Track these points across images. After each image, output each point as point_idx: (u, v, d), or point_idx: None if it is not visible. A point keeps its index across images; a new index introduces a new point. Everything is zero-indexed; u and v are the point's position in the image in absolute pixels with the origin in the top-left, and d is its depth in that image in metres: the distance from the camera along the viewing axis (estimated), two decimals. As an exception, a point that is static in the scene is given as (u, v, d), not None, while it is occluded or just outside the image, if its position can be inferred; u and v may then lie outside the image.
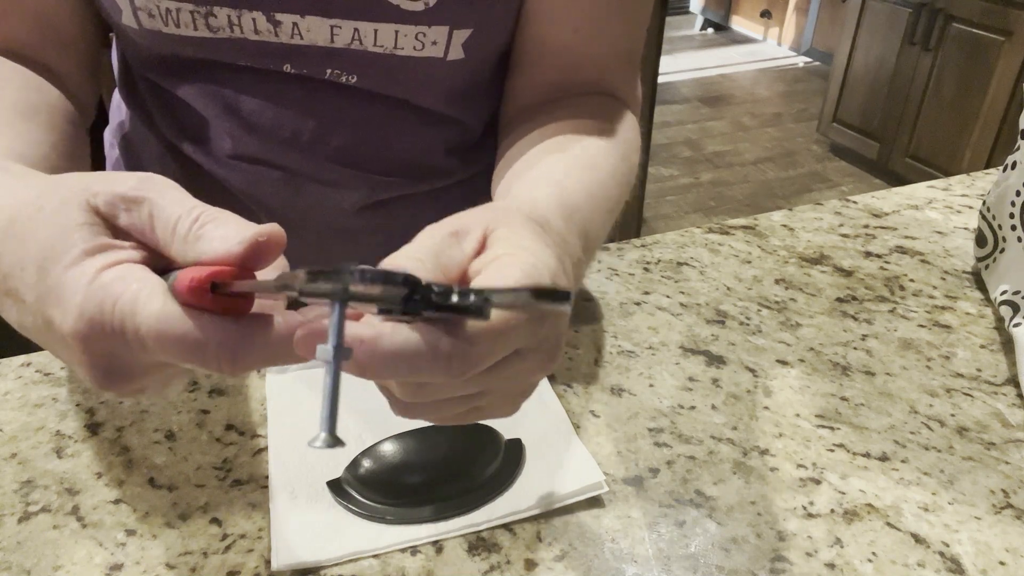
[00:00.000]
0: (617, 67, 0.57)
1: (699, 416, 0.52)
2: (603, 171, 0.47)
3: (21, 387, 0.53)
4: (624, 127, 0.54)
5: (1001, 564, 0.42)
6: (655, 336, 0.59)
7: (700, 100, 3.91)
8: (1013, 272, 0.60)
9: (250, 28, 0.49)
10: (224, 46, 0.50)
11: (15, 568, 0.41)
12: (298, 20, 0.49)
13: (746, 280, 0.66)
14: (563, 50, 0.54)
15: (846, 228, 0.75)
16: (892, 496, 0.46)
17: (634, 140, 0.54)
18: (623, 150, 0.51)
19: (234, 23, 0.49)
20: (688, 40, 4.90)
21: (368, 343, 0.25)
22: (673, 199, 2.95)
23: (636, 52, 0.58)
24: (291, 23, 0.49)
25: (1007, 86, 2.45)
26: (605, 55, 0.56)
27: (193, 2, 0.47)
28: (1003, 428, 0.51)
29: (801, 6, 4.49)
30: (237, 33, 0.49)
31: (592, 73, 0.55)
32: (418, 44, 0.50)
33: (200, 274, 0.26)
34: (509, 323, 0.27)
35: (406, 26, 0.49)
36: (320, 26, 0.49)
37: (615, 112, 0.54)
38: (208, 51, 0.51)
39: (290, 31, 0.49)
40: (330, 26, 0.49)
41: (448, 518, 0.43)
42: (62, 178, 0.30)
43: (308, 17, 0.49)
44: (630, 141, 0.54)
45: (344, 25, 0.49)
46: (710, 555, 0.42)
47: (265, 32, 0.49)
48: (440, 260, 0.29)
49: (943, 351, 0.58)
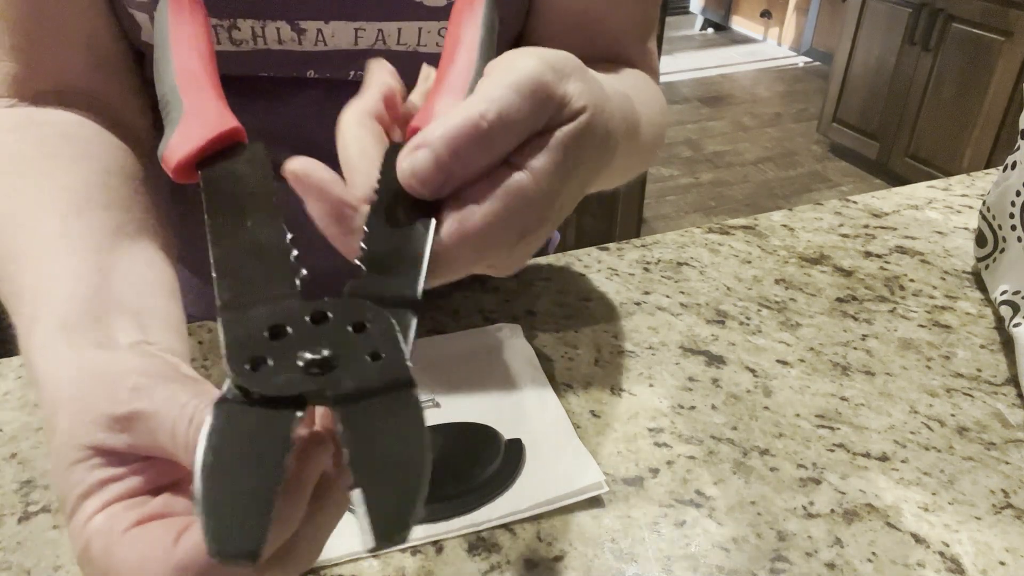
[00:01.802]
0: (632, 41, 0.57)
1: (699, 416, 0.52)
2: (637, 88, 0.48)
3: (21, 387, 0.53)
4: (645, 76, 0.55)
5: (1001, 564, 0.42)
6: (655, 336, 0.59)
7: (700, 100, 3.91)
8: (1013, 272, 0.60)
9: (274, 39, 0.49)
10: (247, 59, 0.50)
11: (15, 568, 0.41)
12: (322, 26, 0.49)
13: (746, 280, 0.66)
14: (576, 26, 0.54)
15: (846, 228, 0.75)
16: (892, 496, 0.46)
17: (657, 88, 0.56)
18: (646, 80, 0.53)
19: (258, 35, 0.48)
20: (688, 40, 4.90)
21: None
22: (673, 199, 2.95)
23: (650, 25, 0.58)
24: (315, 30, 0.49)
25: (1007, 86, 2.45)
26: (619, 29, 0.56)
27: (216, 16, 0.47)
28: (1003, 428, 0.51)
29: (801, 6, 4.49)
30: (260, 45, 0.49)
31: (607, 47, 0.56)
32: (440, 40, 0.50)
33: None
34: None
35: (429, 23, 0.49)
36: (344, 30, 0.49)
37: (633, 69, 0.56)
38: (231, 66, 0.50)
39: (314, 38, 0.49)
40: (354, 29, 0.49)
41: (448, 518, 0.43)
42: (69, 399, 0.29)
43: (332, 23, 0.49)
44: (653, 85, 0.55)
45: (368, 27, 0.49)
46: (710, 555, 0.42)
47: (289, 41, 0.49)
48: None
49: (943, 351, 0.58)
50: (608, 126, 0.33)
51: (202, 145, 0.30)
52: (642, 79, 0.56)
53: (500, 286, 0.65)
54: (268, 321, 0.25)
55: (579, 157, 0.30)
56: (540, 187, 0.29)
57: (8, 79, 0.47)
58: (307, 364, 0.24)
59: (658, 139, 0.53)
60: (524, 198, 0.28)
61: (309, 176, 0.28)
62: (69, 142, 0.45)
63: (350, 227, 0.29)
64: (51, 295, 0.35)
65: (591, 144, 0.31)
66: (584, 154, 0.31)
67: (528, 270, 0.67)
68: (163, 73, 0.34)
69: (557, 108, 0.29)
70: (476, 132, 0.27)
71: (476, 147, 0.27)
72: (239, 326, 0.25)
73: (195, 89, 0.32)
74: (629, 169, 0.53)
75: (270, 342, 0.25)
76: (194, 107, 0.31)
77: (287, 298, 0.26)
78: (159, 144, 0.31)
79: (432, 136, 0.27)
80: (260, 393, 0.24)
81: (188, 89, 0.32)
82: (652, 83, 0.57)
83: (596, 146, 0.32)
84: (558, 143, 0.29)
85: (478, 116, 0.27)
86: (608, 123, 0.32)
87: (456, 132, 0.27)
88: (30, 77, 0.47)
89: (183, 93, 0.32)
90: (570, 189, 0.31)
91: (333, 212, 0.28)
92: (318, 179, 0.28)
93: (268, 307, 0.26)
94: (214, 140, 0.30)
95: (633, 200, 2.15)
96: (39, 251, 0.38)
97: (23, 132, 0.45)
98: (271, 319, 0.25)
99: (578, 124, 0.30)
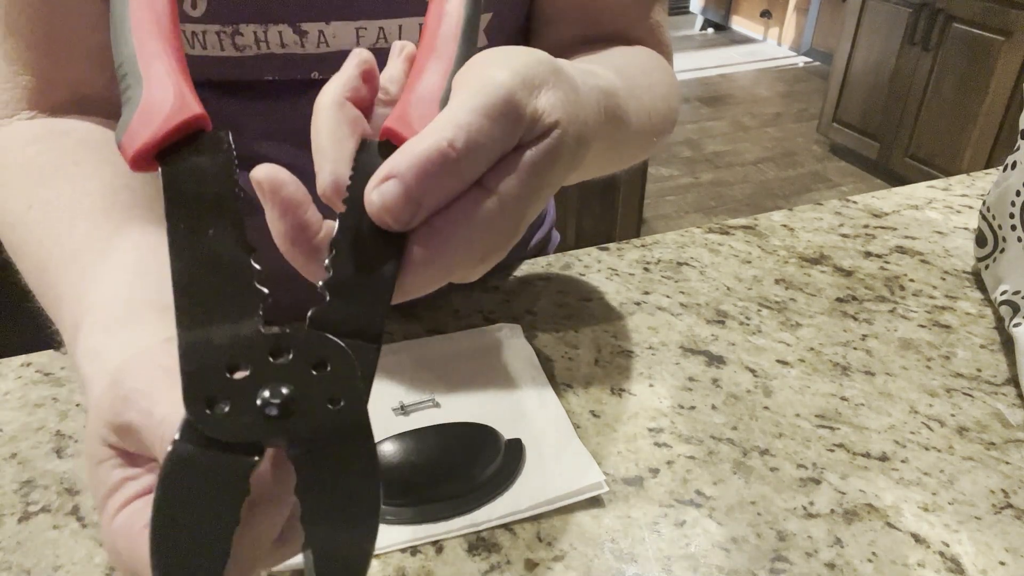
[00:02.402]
0: (637, 17, 0.56)
1: (699, 416, 0.52)
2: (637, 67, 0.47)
3: (21, 387, 0.53)
4: (652, 54, 0.54)
5: (1001, 564, 0.42)
6: (655, 336, 0.59)
7: (700, 100, 3.91)
8: (1013, 272, 0.60)
9: (276, 42, 0.49)
10: (250, 64, 0.50)
11: (15, 568, 0.41)
12: (324, 28, 0.49)
13: (746, 280, 0.66)
14: (579, 5, 0.54)
15: (846, 228, 0.75)
16: (892, 496, 0.46)
17: (666, 66, 0.54)
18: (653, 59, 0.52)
19: (260, 39, 0.49)
20: (688, 40, 4.90)
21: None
22: (673, 199, 2.95)
23: (657, 2, 0.57)
24: (317, 31, 0.49)
25: (1007, 86, 2.45)
26: (623, 5, 0.55)
27: (219, 22, 0.47)
28: (1003, 428, 0.51)
29: (801, 6, 4.49)
30: (264, 49, 0.49)
31: (612, 24, 0.55)
32: None
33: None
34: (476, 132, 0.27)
35: None
36: (346, 31, 0.49)
37: (640, 48, 0.55)
38: (235, 71, 0.51)
39: (316, 40, 0.49)
40: (355, 28, 0.49)
41: (448, 518, 0.43)
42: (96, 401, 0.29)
43: (333, 23, 0.49)
44: (661, 63, 0.54)
45: (369, 26, 0.49)
46: (710, 555, 0.42)
47: (292, 44, 0.49)
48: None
49: (943, 351, 0.58)
50: (581, 133, 0.32)
51: (162, 135, 0.28)
52: (644, 58, 0.54)
53: (500, 286, 0.65)
54: (227, 353, 0.25)
55: (549, 176, 0.30)
56: (508, 212, 0.28)
57: (27, 92, 0.48)
58: (265, 404, 0.24)
59: (662, 122, 0.51)
60: (492, 224, 0.28)
61: (277, 190, 0.27)
62: (89, 149, 0.45)
63: (311, 250, 0.28)
64: (89, 300, 0.35)
65: (562, 161, 0.30)
66: (555, 172, 0.30)
67: (528, 270, 0.67)
68: (120, 37, 0.31)
69: (528, 126, 0.29)
70: (445, 161, 0.26)
71: (446, 176, 0.26)
72: (197, 356, 0.24)
73: (156, 60, 0.30)
74: (619, 159, 0.51)
75: (228, 379, 0.24)
76: (154, 86, 0.29)
77: (247, 324, 0.25)
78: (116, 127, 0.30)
79: (400, 167, 0.26)
80: (220, 439, 0.24)
81: (149, 60, 0.30)
82: (657, 61, 0.55)
83: (567, 160, 0.31)
84: (528, 165, 0.29)
85: (447, 145, 0.26)
86: (581, 130, 0.32)
87: (425, 162, 0.26)
88: (47, 89, 0.48)
89: (143, 64, 0.29)
90: (537, 205, 0.30)
91: (294, 233, 0.27)
92: (287, 195, 0.27)
93: (228, 334, 0.25)
94: (175, 130, 0.28)
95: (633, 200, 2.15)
96: (71, 257, 0.38)
97: (45, 143, 0.46)
98: (230, 353, 0.25)
99: (548, 143, 0.29)
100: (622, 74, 0.44)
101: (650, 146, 0.53)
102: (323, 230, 0.28)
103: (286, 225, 0.27)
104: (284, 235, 0.27)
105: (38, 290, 0.42)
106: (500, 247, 0.30)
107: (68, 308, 0.37)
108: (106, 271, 0.37)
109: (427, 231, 0.27)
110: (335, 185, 0.28)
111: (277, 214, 0.27)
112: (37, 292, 0.42)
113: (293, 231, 0.27)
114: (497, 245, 0.29)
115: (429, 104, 0.29)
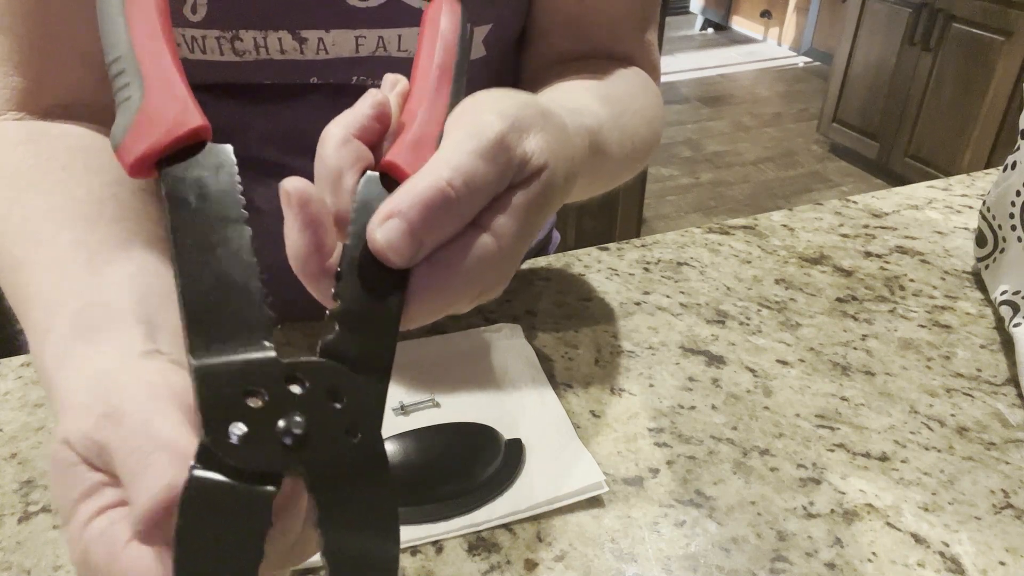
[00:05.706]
0: (628, 34, 0.57)
1: (699, 416, 0.52)
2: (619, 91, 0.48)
3: (21, 387, 0.53)
4: (640, 75, 0.54)
5: (1001, 564, 0.42)
6: (655, 336, 0.59)
7: (700, 100, 3.91)
8: (1013, 272, 0.60)
9: (276, 49, 0.49)
10: (249, 68, 0.50)
11: (15, 568, 0.41)
12: (323, 35, 0.49)
13: (746, 280, 0.66)
14: (571, 19, 0.54)
15: (846, 228, 0.75)
16: (892, 496, 0.46)
17: (653, 88, 0.54)
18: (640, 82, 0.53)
19: (260, 45, 0.49)
20: (688, 40, 4.90)
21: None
22: (673, 199, 2.95)
23: (649, 18, 0.58)
24: (316, 39, 0.49)
25: (1007, 86, 2.45)
26: (614, 22, 0.56)
27: (219, 28, 0.47)
28: (1003, 428, 0.51)
29: (801, 6, 4.49)
30: (263, 55, 0.49)
31: (603, 40, 0.56)
32: None
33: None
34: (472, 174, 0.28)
35: None
36: (345, 38, 0.49)
37: (629, 68, 0.55)
38: (233, 75, 0.50)
39: (315, 47, 0.49)
40: (355, 37, 0.49)
41: (448, 518, 0.43)
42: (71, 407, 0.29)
43: (333, 31, 0.49)
44: (648, 85, 0.54)
45: (368, 34, 0.49)
46: (710, 555, 0.42)
47: (291, 51, 0.49)
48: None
49: (943, 351, 0.58)
50: (569, 171, 0.34)
51: (164, 145, 0.27)
52: (632, 80, 0.55)
53: (500, 286, 0.65)
54: (243, 380, 0.24)
55: (539, 215, 0.31)
56: (504, 250, 0.30)
57: (17, 94, 0.47)
58: (284, 433, 0.24)
59: (644, 146, 0.52)
60: (490, 261, 0.29)
61: (304, 204, 0.27)
62: (79, 155, 0.45)
63: (321, 271, 0.28)
64: (64, 305, 0.35)
65: (551, 201, 0.32)
66: (545, 211, 0.32)
67: (528, 270, 0.67)
68: (113, 31, 0.29)
69: (518, 169, 0.30)
70: (446, 201, 0.27)
71: (445, 215, 0.28)
72: (213, 382, 0.24)
73: (155, 60, 0.29)
74: (601, 187, 0.52)
75: (247, 406, 0.24)
76: (155, 89, 0.28)
77: (261, 350, 0.25)
78: (113, 127, 0.29)
79: (402, 205, 0.27)
80: (239, 467, 0.23)
81: (148, 59, 0.29)
82: (645, 83, 0.56)
83: (557, 199, 0.33)
84: (520, 207, 0.30)
85: (445, 184, 0.27)
86: (569, 168, 0.34)
87: (427, 201, 0.27)
88: (38, 91, 0.47)
89: (142, 62, 0.28)
90: (530, 240, 0.32)
91: (308, 250, 0.28)
92: (312, 212, 0.28)
93: (242, 359, 0.25)
94: (177, 140, 0.28)
95: (633, 200, 2.15)
96: (51, 261, 0.38)
97: (34, 145, 0.45)
98: (247, 379, 0.24)
99: (538, 186, 0.31)
100: (608, 100, 0.45)
101: (633, 171, 0.54)
102: (335, 255, 0.29)
103: (304, 240, 0.28)
104: (299, 250, 0.28)
105: (7, 288, 0.41)
106: (499, 282, 0.31)
107: (40, 310, 0.36)
108: (85, 279, 0.36)
109: (428, 268, 0.28)
110: (337, 218, 0.29)
111: (298, 228, 0.28)
112: (6, 289, 0.41)
113: (308, 248, 0.28)
114: (496, 281, 0.31)
115: (427, 141, 0.30)
